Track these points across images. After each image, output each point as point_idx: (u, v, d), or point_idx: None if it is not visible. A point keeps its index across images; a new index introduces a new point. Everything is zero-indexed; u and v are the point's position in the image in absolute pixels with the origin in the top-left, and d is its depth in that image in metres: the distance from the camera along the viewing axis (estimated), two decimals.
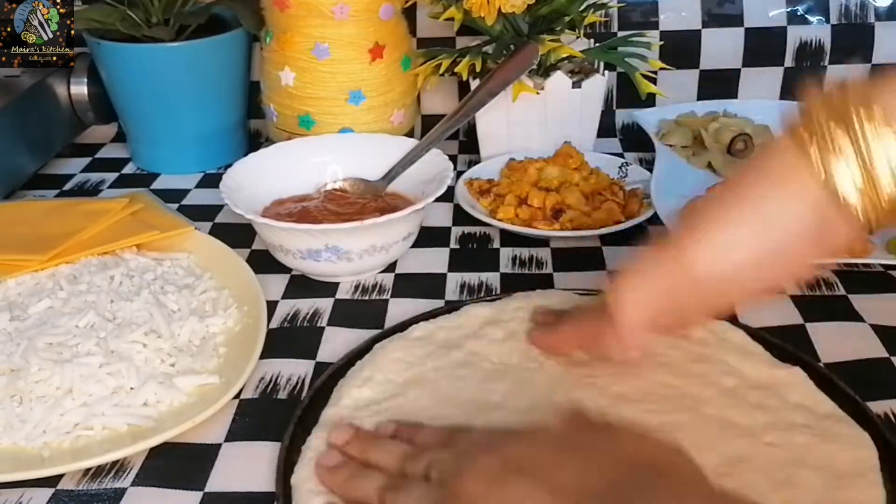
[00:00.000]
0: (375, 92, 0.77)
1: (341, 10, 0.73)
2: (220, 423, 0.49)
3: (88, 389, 0.49)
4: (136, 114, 0.84)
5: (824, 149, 0.38)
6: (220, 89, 0.83)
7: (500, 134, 0.79)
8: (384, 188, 0.68)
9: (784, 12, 0.87)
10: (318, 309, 0.60)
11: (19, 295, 0.58)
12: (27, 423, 0.47)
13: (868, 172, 0.37)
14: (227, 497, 0.44)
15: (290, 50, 0.76)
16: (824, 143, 0.38)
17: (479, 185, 0.74)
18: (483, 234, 0.70)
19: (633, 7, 0.87)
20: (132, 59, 0.80)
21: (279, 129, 0.80)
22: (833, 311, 0.57)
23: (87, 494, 0.45)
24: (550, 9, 0.74)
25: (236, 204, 0.61)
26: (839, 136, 0.38)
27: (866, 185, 0.38)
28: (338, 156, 0.71)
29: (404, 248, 0.64)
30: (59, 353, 0.51)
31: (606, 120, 0.87)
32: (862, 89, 0.38)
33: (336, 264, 0.61)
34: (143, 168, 0.86)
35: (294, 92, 0.77)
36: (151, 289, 0.58)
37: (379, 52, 0.76)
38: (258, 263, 0.63)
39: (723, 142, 0.78)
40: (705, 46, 0.87)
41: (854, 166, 0.38)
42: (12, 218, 0.67)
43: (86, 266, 0.61)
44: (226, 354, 0.54)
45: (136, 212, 0.68)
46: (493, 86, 0.71)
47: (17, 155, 0.79)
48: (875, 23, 0.86)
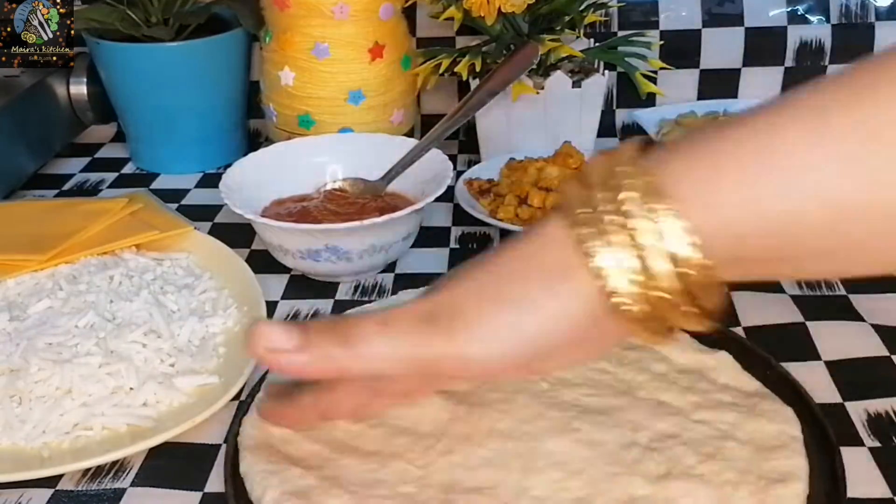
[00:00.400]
0: (375, 92, 0.77)
1: (341, 10, 0.73)
2: (220, 423, 0.49)
3: (88, 389, 0.49)
4: (136, 114, 0.84)
5: (592, 236, 0.32)
6: (219, 89, 0.83)
7: (500, 134, 0.79)
8: (384, 188, 0.68)
9: (784, 12, 0.86)
10: (317, 309, 0.60)
11: (19, 295, 0.58)
12: (27, 423, 0.47)
13: (641, 260, 0.31)
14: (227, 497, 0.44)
15: (289, 50, 0.76)
16: (593, 228, 0.32)
17: (479, 184, 0.74)
18: (483, 234, 0.70)
19: (633, 7, 0.87)
20: (132, 58, 0.79)
21: (279, 129, 0.80)
22: (834, 311, 0.57)
23: (87, 495, 0.45)
24: (550, 8, 0.74)
25: (236, 204, 0.61)
26: (608, 219, 0.32)
27: (642, 275, 0.31)
28: (338, 156, 0.70)
29: (404, 248, 0.64)
30: (58, 354, 0.51)
31: (606, 120, 0.87)
32: (636, 156, 0.33)
33: (336, 264, 0.61)
34: (142, 168, 0.86)
35: (294, 92, 0.77)
36: (151, 289, 0.58)
37: (379, 51, 0.76)
38: (258, 263, 0.63)
39: None
40: (705, 46, 0.87)
41: (624, 253, 0.31)
42: (12, 218, 0.67)
43: (85, 266, 0.61)
44: (225, 354, 0.54)
45: (135, 212, 0.68)
46: (493, 86, 0.71)
47: (16, 155, 0.79)
48: (875, 23, 0.86)
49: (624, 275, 0.32)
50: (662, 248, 0.31)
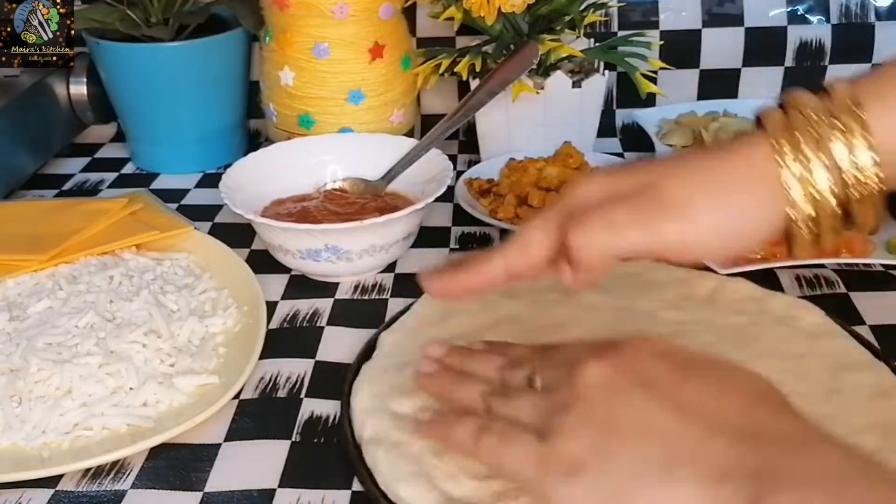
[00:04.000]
0: (375, 92, 0.77)
1: (341, 10, 0.73)
2: (220, 423, 0.49)
3: (88, 390, 0.49)
4: (136, 114, 0.84)
5: (788, 150, 0.38)
6: (219, 89, 0.83)
7: (500, 134, 0.79)
8: (384, 188, 0.68)
9: (784, 12, 0.86)
10: (317, 309, 0.60)
11: (19, 295, 0.58)
12: (26, 423, 0.47)
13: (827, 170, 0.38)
14: (227, 497, 0.44)
15: (289, 49, 0.76)
16: (788, 144, 0.38)
17: (479, 184, 0.74)
18: (483, 234, 0.70)
19: (633, 7, 0.87)
20: (132, 58, 0.79)
21: (279, 129, 0.80)
22: (834, 310, 0.57)
23: (87, 496, 0.45)
24: (550, 8, 0.74)
25: (236, 204, 0.61)
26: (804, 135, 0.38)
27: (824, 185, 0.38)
28: (337, 156, 0.70)
29: (404, 248, 0.64)
30: (58, 354, 0.51)
31: (606, 120, 0.87)
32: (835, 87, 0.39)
33: (336, 264, 0.61)
34: (142, 168, 0.86)
35: (294, 92, 0.77)
36: (151, 289, 0.58)
37: (379, 51, 0.76)
38: (258, 263, 0.63)
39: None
40: (705, 46, 0.87)
41: (812, 164, 0.38)
42: (12, 218, 0.67)
43: (85, 266, 0.61)
44: (225, 354, 0.54)
45: (135, 212, 0.68)
46: (493, 86, 0.71)
47: (16, 155, 0.79)
48: (875, 23, 0.86)
49: (806, 185, 0.38)
50: (849, 161, 0.37)
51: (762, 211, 0.39)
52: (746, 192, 0.39)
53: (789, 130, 0.38)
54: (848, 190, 0.38)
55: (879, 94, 0.38)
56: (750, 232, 0.40)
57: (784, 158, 0.38)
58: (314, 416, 0.50)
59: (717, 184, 0.40)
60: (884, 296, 0.58)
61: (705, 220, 0.39)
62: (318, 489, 0.44)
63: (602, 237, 0.40)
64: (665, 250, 0.40)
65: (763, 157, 0.39)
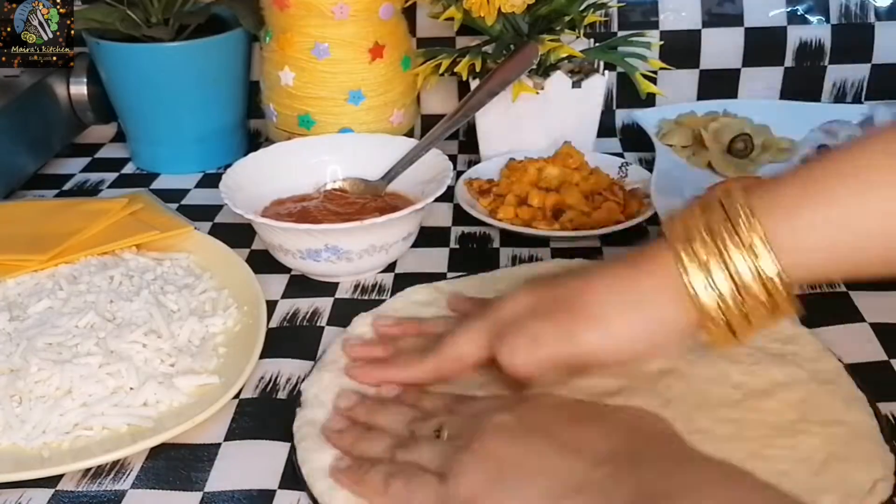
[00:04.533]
0: (375, 92, 0.77)
1: (341, 10, 0.73)
2: (220, 423, 0.49)
3: (88, 389, 0.49)
4: (136, 114, 0.84)
5: (690, 258, 0.41)
6: (219, 89, 0.83)
7: (500, 134, 0.79)
8: (384, 188, 0.68)
9: (784, 12, 0.86)
10: (317, 308, 0.60)
11: (19, 295, 0.58)
12: (27, 423, 0.47)
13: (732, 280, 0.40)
14: (227, 497, 0.44)
15: (289, 50, 0.76)
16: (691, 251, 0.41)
17: (478, 185, 0.74)
18: (483, 234, 0.70)
19: (633, 7, 0.87)
20: (132, 58, 0.79)
21: (279, 129, 0.80)
22: (834, 309, 0.57)
23: (87, 496, 0.45)
24: (550, 8, 0.74)
25: (236, 204, 0.61)
26: (704, 244, 0.40)
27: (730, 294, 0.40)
28: (338, 156, 0.71)
29: (404, 248, 0.64)
30: (58, 354, 0.51)
31: (606, 120, 0.87)
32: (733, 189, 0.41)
33: (336, 264, 0.61)
34: (142, 168, 0.86)
35: (294, 92, 0.77)
36: (151, 289, 0.58)
37: (379, 51, 0.76)
38: (258, 263, 0.63)
39: (723, 142, 0.78)
40: (705, 46, 0.87)
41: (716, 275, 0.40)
42: (12, 218, 0.67)
43: (85, 266, 0.61)
44: (225, 354, 0.54)
45: (135, 212, 0.68)
46: (493, 86, 0.71)
47: (16, 155, 0.79)
48: (875, 23, 0.86)
49: (713, 294, 0.40)
50: (753, 269, 0.39)
51: (671, 317, 0.42)
52: (655, 302, 0.42)
53: (690, 240, 0.41)
54: (749, 294, 0.40)
55: (777, 203, 0.40)
56: (663, 337, 0.43)
57: (687, 267, 0.40)
58: None
59: (628, 294, 0.43)
60: (884, 295, 0.58)
61: (619, 330, 0.43)
62: None
63: (525, 351, 0.44)
64: (584, 358, 0.44)
65: (668, 266, 0.41)
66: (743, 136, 0.78)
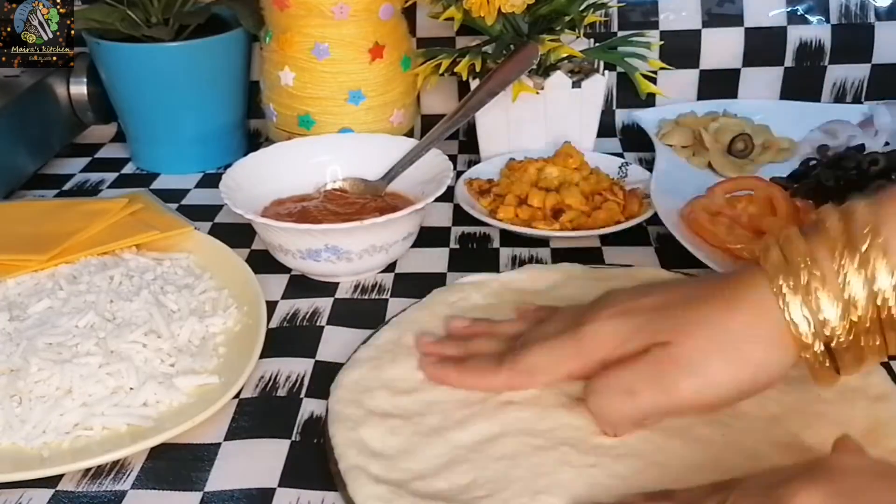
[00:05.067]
0: (375, 92, 0.77)
1: (341, 10, 0.73)
2: (220, 423, 0.49)
3: (88, 389, 0.49)
4: (136, 114, 0.84)
5: (790, 288, 0.39)
6: (219, 89, 0.83)
7: (500, 134, 0.79)
8: (384, 188, 0.68)
9: (784, 12, 0.87)
10: (317, 308, 0.60)
11: (19, 295, 0.58)
12: (27, 423, 0.47)
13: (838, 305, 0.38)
14: (227, 497, 0.44)
15: (289, 50, 0.76)
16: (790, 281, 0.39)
17: (478, 185, 0.74)
18: (483, 234, 0.70)
19: (633, 7, 0.87)
20: (132, 58, 0.79)
21: (279, 129, 0.80)
22: None
23: (87, 496, 0.45)
24: (550, 8, 0.74)
25: (236, 204, 0.61)
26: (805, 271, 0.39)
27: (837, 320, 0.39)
28: (337, 156, 0.71)
29: (404, 248, 0.64)
30: (58, 354, 0.51)
31: (606, 120, 0.87)
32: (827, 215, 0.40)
33: (336, 264, 0.61)
34: (142, 168, 0.86)
35: (294, 92, 0.77)
36: (151, 289, 0.58)
37: (379, 52, 0.76)
38: (258, 263, 0.63)
39: (723, 142, 0.78)
40: (705, 46, 0.87)
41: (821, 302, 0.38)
42: (12, 218, 0.67)
43: (85, 266, 0.61)
44: (225, 354, 0.54)
45: (135, 212, 0.68)
46: (493, 86, 0.71)
47: (16, 155, 0.79)
48: (875, 23, 0.86)
49: (815, 324, 0.38)
50: (866, 290, 0.37)
51: (774, 357, 0.40)
52: (756, 342, 0.40)
53: (788, 270, 0.39)
54: (860, 317, 0.38)
55: None
56: (765, 377, 0.41)
57: (787, 300, 0.39)
58: (314, 416, 0.50)
59: (727, 337, 0.41)
60: None
61: (720, 375, 0.41)
62: (318, 489, 0.44)
63: (620, 405, 0.43)
64: (683, 409, 0.43)
65: (766, 301, 0.40)
66: (743, 136, 0.78)
